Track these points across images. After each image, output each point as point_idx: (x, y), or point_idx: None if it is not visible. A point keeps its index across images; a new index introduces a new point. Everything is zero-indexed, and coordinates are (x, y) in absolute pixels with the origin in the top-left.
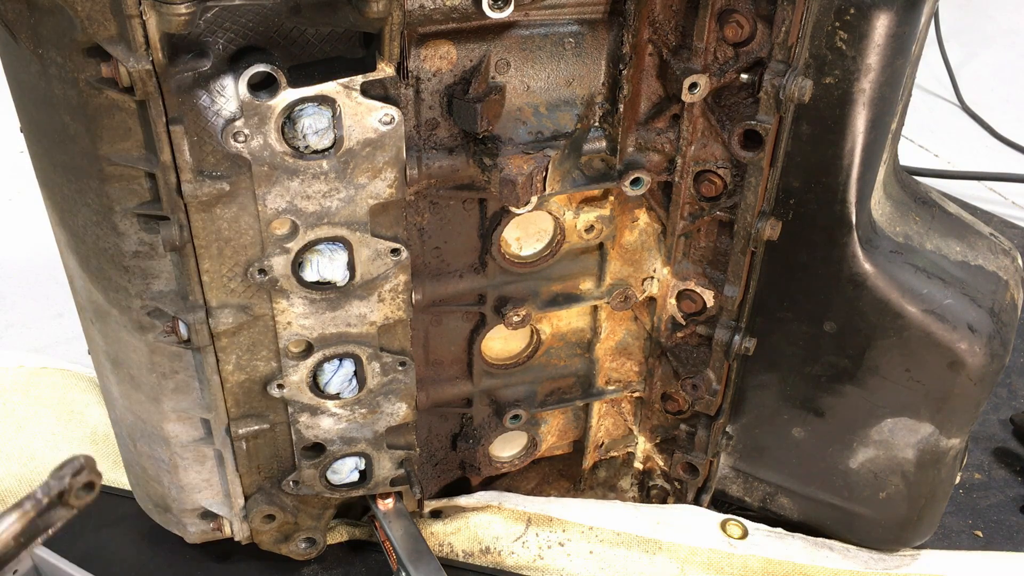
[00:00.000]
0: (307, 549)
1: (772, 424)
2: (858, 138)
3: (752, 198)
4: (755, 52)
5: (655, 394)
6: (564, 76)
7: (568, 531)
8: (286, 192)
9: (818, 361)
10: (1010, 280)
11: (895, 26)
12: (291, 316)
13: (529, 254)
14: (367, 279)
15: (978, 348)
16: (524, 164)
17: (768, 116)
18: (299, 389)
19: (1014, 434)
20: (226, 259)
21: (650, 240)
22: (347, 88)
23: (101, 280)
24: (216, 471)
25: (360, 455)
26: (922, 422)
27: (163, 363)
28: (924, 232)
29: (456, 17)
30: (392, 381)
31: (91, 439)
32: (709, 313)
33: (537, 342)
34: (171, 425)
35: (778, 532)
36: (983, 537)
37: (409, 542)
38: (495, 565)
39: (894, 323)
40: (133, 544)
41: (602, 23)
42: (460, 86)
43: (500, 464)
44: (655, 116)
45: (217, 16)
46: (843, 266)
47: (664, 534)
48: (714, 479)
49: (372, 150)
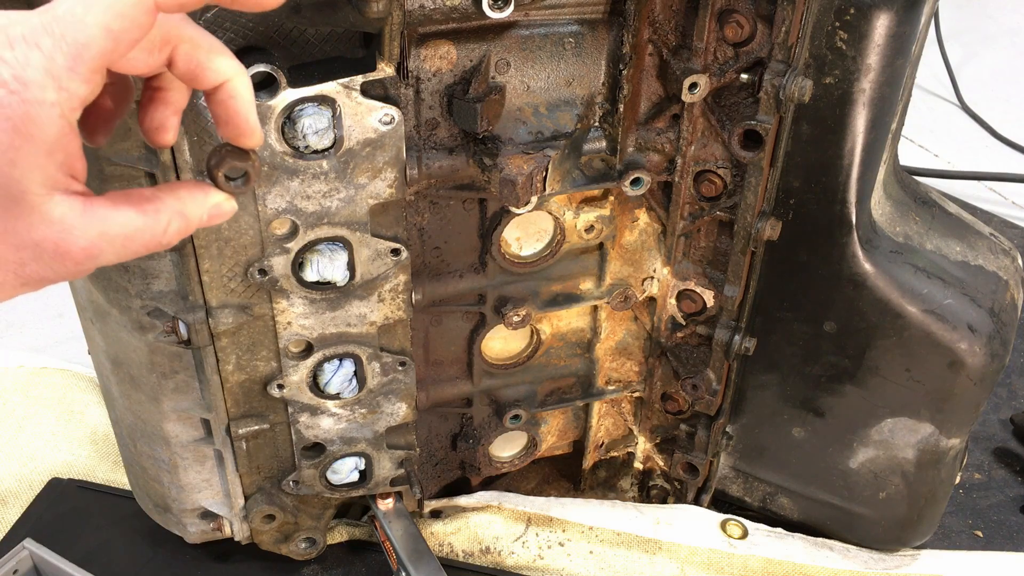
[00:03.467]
0: (307, 549)
1: (772, 424)
2: (858, 138)
3: (752, 198)
4: (755, 52)
5: (655, 394)
6: (564, 76)
7: (568, 531)
8: (286, 192)
9: (818, 361)
10: (1010, 280)
11: (895, 26)
12: (291, 316)
13: (529, 254)
14: (367, 279)
15: (978, 348)
16: (524, 164)
17: (768, 116)
18: (299, 389)
19: (1014, 434)
20: (226, 259)
21: (650, 240)
22: (347, 88)
23: (101, 280)
24: (216, 471)
25: (360, 455)
26: (922, 422)
27: (163, 363)
28: (924, 232)
29: (456, 17)
30: (392, 381)
31: (91, 439)
32: (709, 313)
33: (537, 342)
34: (171, 425)
35: (778, 532)
36: (983, 537)
37: (409, 542)
38: (495, 565)
39: (894, 323)
40: (133, 544)
41: (602, 23)
42: (460, 86)
43: (500, 464)
44: (655, 116)
45: (217, 16)
46: (843, 266)
47: (664, 534)
48: (714, 479)
49: (372, 150)
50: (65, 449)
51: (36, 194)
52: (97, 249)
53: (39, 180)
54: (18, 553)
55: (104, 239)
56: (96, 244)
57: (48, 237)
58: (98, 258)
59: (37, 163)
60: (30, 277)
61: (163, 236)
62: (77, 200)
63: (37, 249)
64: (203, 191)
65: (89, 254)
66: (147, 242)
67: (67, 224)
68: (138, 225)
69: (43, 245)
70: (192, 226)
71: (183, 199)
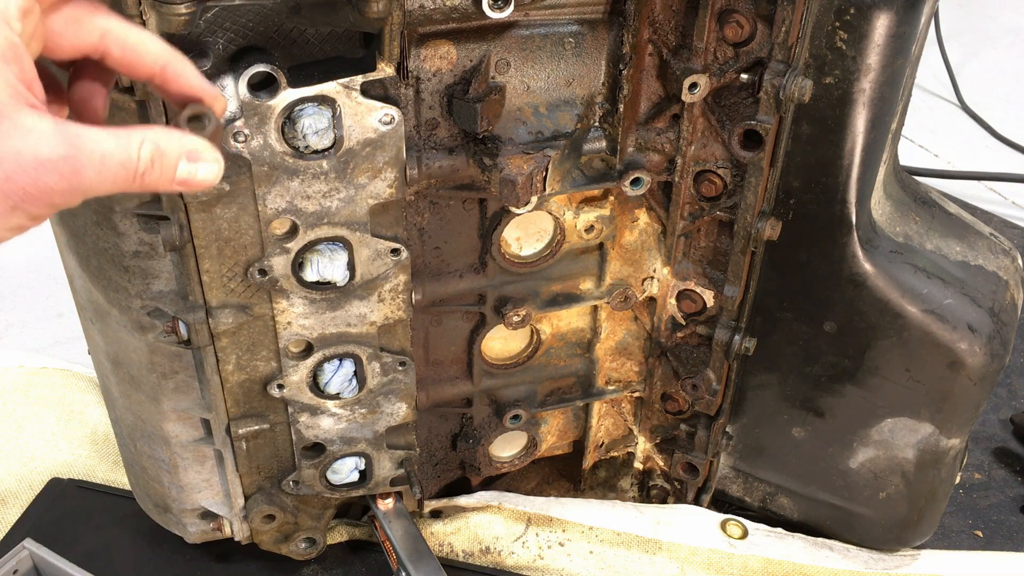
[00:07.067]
0: (307, 549)
1: (772, 424)
2: (858, 138)
3: (752, 198)
4: (755, 52)
5: (655, 394)
6: (564, 76)
7: (568, 531)
8: (286, 192)
9: (818, 361)
10: (1010, 280)
11: (895, 26)
12: (291, 316)
13: (529, 254)
14: (367, 279)
15: (978, 348)
16: (524, 164)
17: (768, 116)
18: (299, 389)
19: (1014, 434)
20: (226, 259)
21: (650, 240)
22: (347, 88)
23: (101, 280)
24: (216, 471)
25: (360, 455)
26: (922, 422)
27: (163, 363)
28: (924, 232)
29: (456, 17)
30: (392, 381)
31: (91, 439)
32: (709, 313)
33: (537, 342)
34: (171, 425)
35: (778, 532)
36: (983, 537)
37: (409, 542)
38: (495, 565)
39: (894, 323)
40: (133, 544)
41: (602, 23)
42: (460, 86)
43: (500, 464)
44: (655, 116)
45: (217, 16)
46: (843, 266)
47: (664, 534)
48: (714, 479)
49: (372, 150)
50: (65, 449)
51: (3, 103)
52: (77, 162)
53: (2, 87)
54: (18, 553)
55: (82, 152)
56: (75, 155)
57: (27, 145)
58: (80, 172)
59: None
60: (17, 196)
61: (138, 162)
62: (46, 115)
63: (18, 158)
64: (178, 131)
65: (71, 164)
66: (123, 162)
67: (41, 133)
68: (111, 144)
69: (23, 153)
70: (168, 162)
71: (155, 130)
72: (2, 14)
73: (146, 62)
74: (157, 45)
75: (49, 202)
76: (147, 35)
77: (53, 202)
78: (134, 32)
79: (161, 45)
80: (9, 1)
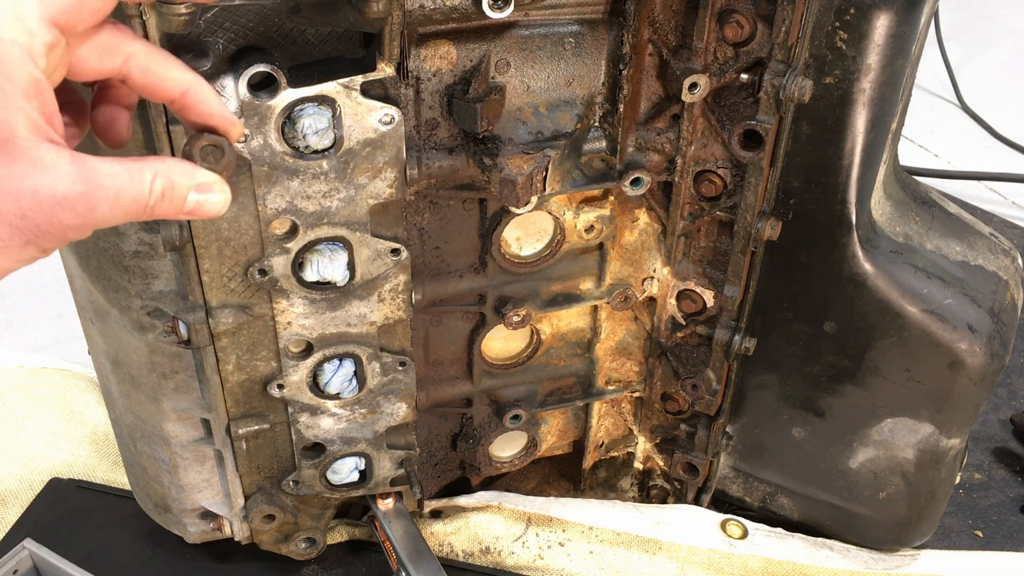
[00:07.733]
0: (307, 549)
1: (772, 424)
2: (858, 138)
3: (752, 198)
4: (755, 52)
5: (655, 394)
6: (564, 76)
7: (568, 531)
8: (286, 192)
9: (818, 361)
10: (1010, 280)
11: (895, 26)
12: (291, 316)
13: (529, 254)
14: (367, 279)
15: (978, 348)
16: (524, 164)
17: (768, 116)
18: (299, 389)
19: (1014, 434)
20: (226, 259)
21: (650, 240)
22: (347, 88)
23: (101, 280)
24: (216, 471)
25: (360, 455)
26: (922, 422)
27: (163, 363)
28: (924, 232)
29: (456, 17)
30: (392, 381)
31: (91, 439)
32: (709, 313)
33: (537, 342)
34: (171, 425)
35: (778, 532)
36: (983, 537)
37: (409, 542)
38: (495, 565)
39: (894, 323)
40: (133, 544)
41: (602, 23)
42: (460, 86)
43: (500, 464)
44: (655, 116)
45: (217, 16)
46: (843, 266)
47: (664, 534)
48: (714, 479)
49: (372, 150)
50: (65, 449)
51: (24, 138)
52: (92, 197)
53: (24, 123)
54: (18, 553)
55: (98, 188)
56: (91, 191)
57: (45, 184)
58: (95, 209)
59: (19, 105)
60: (32, 232)
61: (149, 196)
62: (64, 150)
63: (35, 196)
64: (190, 164)
65: (86, 202)
66: (135, 196)
67: (59, 170)
68: (124, 179)
69: (41, 192)
70: (179, 194)
71: (167, 163)
72: (28, 50)
73: (167, 87)
74: (179, 71)
75: (62, 237)
76: (170, 60)
77: (66, 237)
78: (157, 57)
79: (183, 70)
80: (35, 36)
